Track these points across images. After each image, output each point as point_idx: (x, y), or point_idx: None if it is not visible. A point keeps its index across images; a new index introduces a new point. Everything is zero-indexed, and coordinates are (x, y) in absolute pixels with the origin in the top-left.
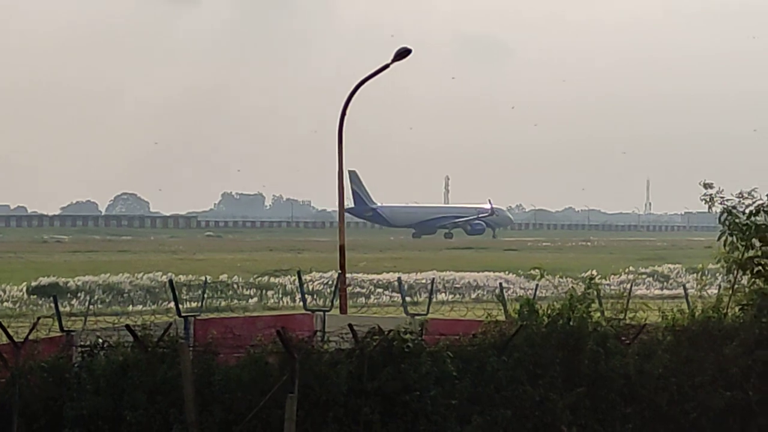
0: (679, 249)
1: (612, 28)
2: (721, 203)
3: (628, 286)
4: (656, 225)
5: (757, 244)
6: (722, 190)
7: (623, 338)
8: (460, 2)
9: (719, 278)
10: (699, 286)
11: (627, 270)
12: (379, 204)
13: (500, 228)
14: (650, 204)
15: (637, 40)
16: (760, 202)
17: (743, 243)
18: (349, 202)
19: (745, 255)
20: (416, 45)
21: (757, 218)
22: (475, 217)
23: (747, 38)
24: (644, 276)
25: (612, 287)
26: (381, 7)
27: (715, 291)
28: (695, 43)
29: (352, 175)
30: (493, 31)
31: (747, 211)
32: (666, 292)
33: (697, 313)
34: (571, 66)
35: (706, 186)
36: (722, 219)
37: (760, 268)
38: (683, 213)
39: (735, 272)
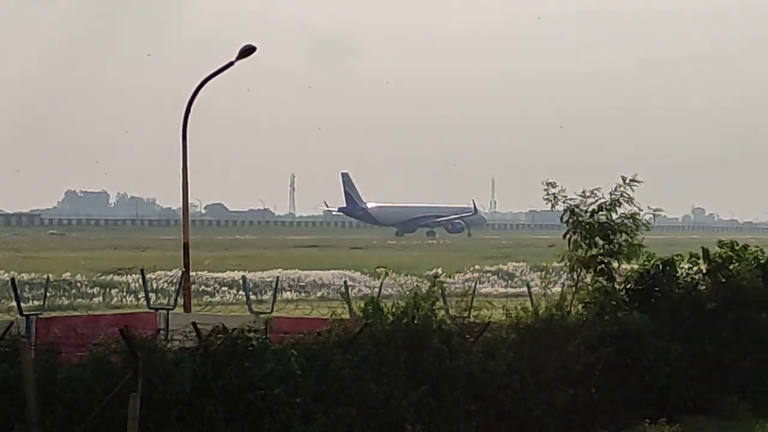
0: (524, 247)
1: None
2: (564, 202)
3: (473, 284)
4: (501, 223)
5: (600, 242)
6: (565, 189)
7: (467, 336)
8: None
9: (563, 276)
10: (543, 284)
11: (472, 268)
12: (368, 204)
13: (475, 227)
14: (495, 202)
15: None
16: (603, 200)
17: (586, 241)
18: (341, 203)
19: (588, 253)
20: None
21: (600, 216)
22: (456, 216)
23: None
24: (489, 274)
25: (457, 285)
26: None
27: (559, 289)
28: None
29: (344, 176)
30: (342, 32)
31: (590, 209)
32: (510, 290)
33: (540, 311)
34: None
35: (549, 185)
36: (565, 218)
37: (603, 266)
38: (528, 211)
39: (578, 270)
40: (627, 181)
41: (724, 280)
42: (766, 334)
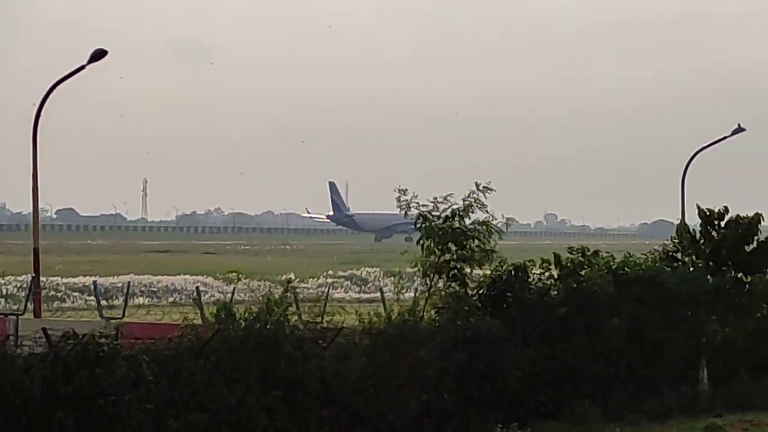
0: (378, 253)
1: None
2: (417, 208)
3: (326, 289)
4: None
5: (453, 248)
6: (417, 195)
7: (320, 341)
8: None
9: (416, 282)
10: (396, 290)
11: (325, 273)
12: (353, 212)
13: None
14: (349, 208)
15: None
16: (456, 206)
17: (439, 247)
18: (328, 210)
19: (441, 259)
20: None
21: (453, 222)
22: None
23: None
24: (343, 279)
25: (310, 291)
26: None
27: (412, 294)
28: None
29: (331, 185)
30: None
31: (443, 215)
32: (364, 295)
33: (393, 317)
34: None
35: (402, 192)
36: (418, 224)
37: (456, 271)
38: None
39: (431, 276)
40: (480, 187)
41: (575, 286)
42: (617, 339)
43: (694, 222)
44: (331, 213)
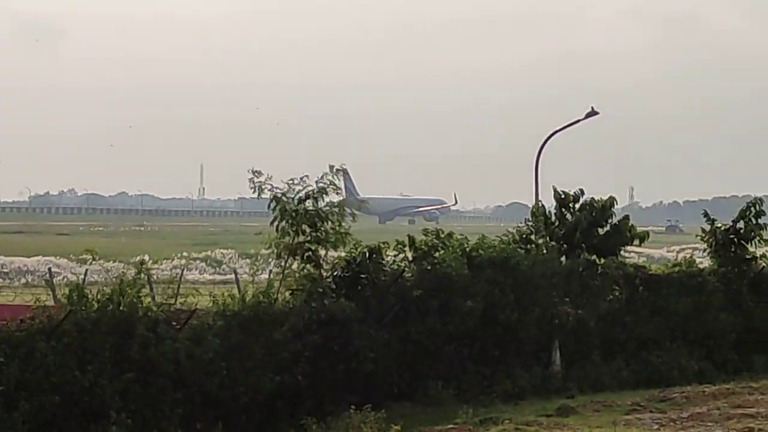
0: (233, 234)
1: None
2: (270, 190)
3: (180, 271)
4: (210, 210)
5: (307, 229)
6: (271, 177)
7: (174, 323)
8: None
9: (271, 264)
10: (251, 272)
11: (180, 255)
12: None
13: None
14: (204, 189)
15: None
16: (310, 188)
17: (293, 229)
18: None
19: (295, 240)
20: None
21: (307, 204)
22: (434, 207)
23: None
24: (197, 261)
25: (164, 272)
26: None
27: (267, 276)
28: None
29: (344, 171)
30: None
31: (297, 197)
32: (219, 277)
33: (248, 298)
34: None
35: (255, 173)
36: (272, 206)
37: (310, 253)
38: (237, 198)
39: (285, 258)
40: (334, 170)
41: (429, 268)
42: (471, 320)
43: (549, 205)
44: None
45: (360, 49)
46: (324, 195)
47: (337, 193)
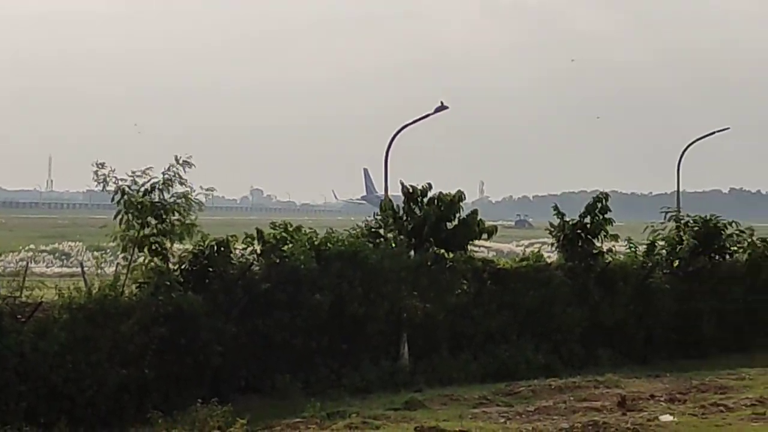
0: (81, 227)
1: None
2: (115, 182)
3: (26, 263)
4: (58, 202)
5: (153, 222)
6: (115, 170)
7: (19, 316)
8: None
9: (118, 256)
10: (98, 264)
11: (26, 247)
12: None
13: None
14: (52, 181)
15: None
16: (155, 180)
17: (139, 221)
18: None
19: (141, 233)
20: None
21: (153, 196)
22: None
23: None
24: (44, 254)
25: (10, 264)
26: None
27: (114, 269)
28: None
29: (365, 171)
30: None
31: (142, 189)
32: (66, 269)
33: (94, 291)
34: None
35: (99, 166)
36: (116, 198)
37: (156, 245)
38: (85, 191)
39: (131, 250)
40: (180, 161)
41: (278, 261)
42: (319, 314)
43: (398, 199)
44: (365, 194)
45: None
46: (170, 186)
47: (182, 184)
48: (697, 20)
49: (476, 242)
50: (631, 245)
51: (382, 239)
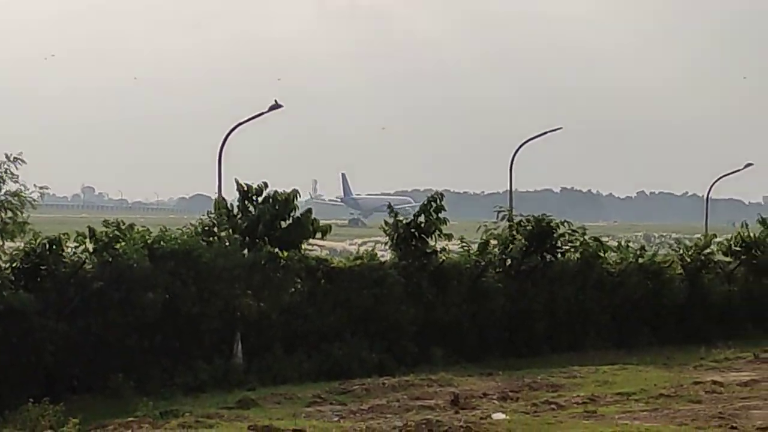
0: None
1: None
2: None
3: None
4: None
5: None
6: None
7: None
8: None
9: None
10: None
11: None
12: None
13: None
14: None
15: None
16: None
17: None
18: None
19: None
20: None
21: None
22: (409, 204)
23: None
24: None
25: None
26: None
27: None
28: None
29: (343, 175)
30: None
31: None
32: None
33: None
34: None
35: None
36: None
37: None
38: None
39: None
40: (11, 158)
41: (110, 260)
42: (152, 313)
43: (235, 197)
44: (343, 196)
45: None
46: (1, 184)
47: (15, 182)
48: (526, 22)
49: (310, 241)
50: (465, 244)
51: (216, 238)
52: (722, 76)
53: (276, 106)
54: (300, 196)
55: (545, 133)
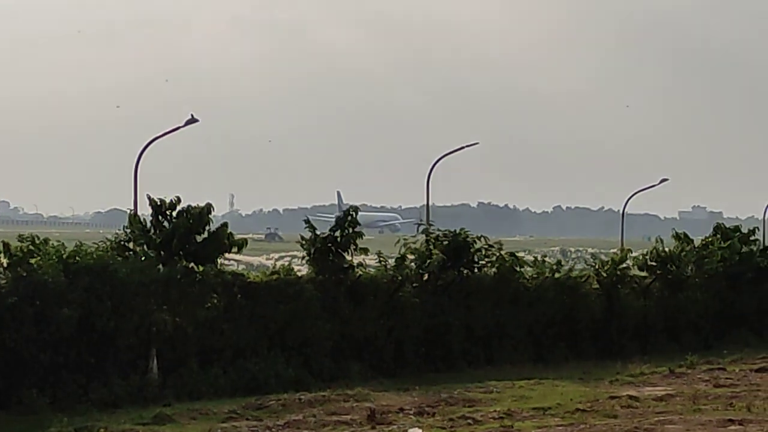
0: None
1: None
2: None
3: None
4: None
5: None
6: None
7: None
8: None
9: None
10: None
11: None
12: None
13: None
14: None
15: None
16: None
17: None
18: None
19: None
20: None
21: None
22: (398, 221)
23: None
24: None
25: None
26: None
27: None
28: None
29: (338, 193)
30: None
31: None
32: None
33: None
34: None
35: None
36: None
37: None
38: None
39: None
40: None
41: (25, 275)
42: (67, 328)
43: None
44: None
45: None
46: None
47: None
48: (441, 32)
49: (226, 255)
50: (382, 259)
51: (131, 253)
52: (637, 92)
53: (192, 120)
54: (214, 210)
55: (462, 148)
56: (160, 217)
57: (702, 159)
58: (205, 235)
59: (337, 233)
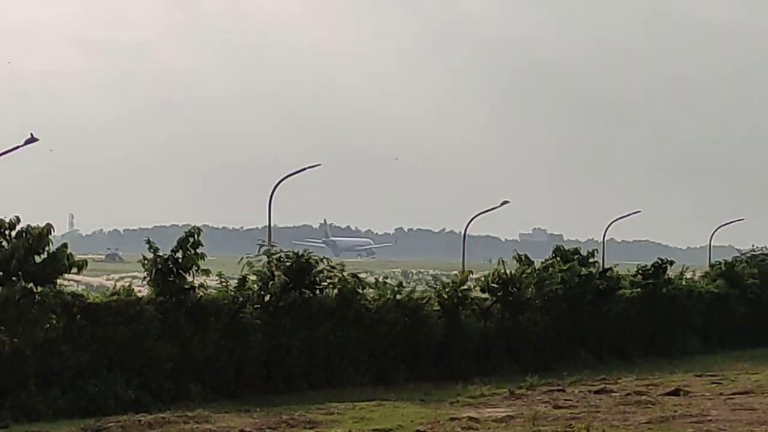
0: None
1: None
2: None
3: None
4: None
5: None
6: None
7: None
8: None
9: None
10: None
11: None
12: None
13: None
14: None
15: None
16: None
17: None
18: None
19: None
20: None
21: None
22: (372, 245)
23: None
24: None
25: None
26: None
27: None
28: None
29: (324, 220)
30: None
31: None
32: None
33: None
34: None
35: None
36: None
37: None
38: None
39: None
40: None
41: None
42: None
43: None
44: (325, 238)
45: None
46: None
47: None
48: (285, 56)
49: (66, 276)
50: (223, 280)
51: None
52: (477, 113)
53: (32, 139)
54: (54, 231)
55: (304, 169)
56: None
57: (542, 182)
58: (45, 255)
59: (179, 254)
